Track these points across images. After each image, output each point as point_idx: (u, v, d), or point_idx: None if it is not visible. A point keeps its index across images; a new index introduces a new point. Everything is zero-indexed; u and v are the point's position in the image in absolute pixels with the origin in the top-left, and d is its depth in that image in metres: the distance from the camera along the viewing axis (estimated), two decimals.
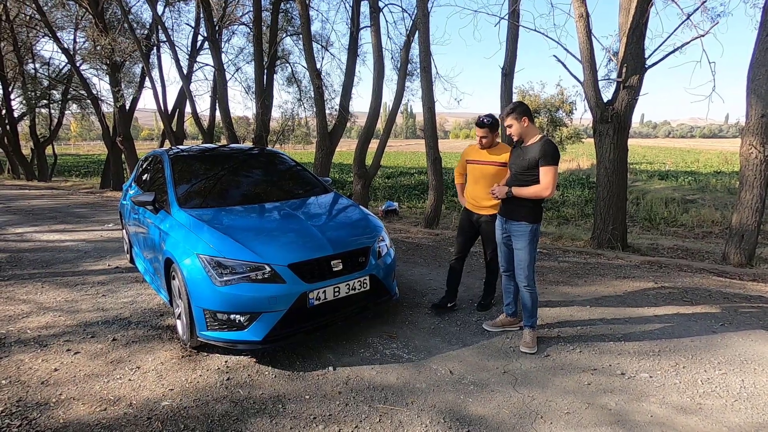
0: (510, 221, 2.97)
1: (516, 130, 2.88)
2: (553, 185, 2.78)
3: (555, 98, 26.92)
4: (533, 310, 3.01)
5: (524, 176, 2.87)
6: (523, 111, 2.86)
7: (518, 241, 2.94)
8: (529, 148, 2.86)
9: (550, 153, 2.76)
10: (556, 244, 6.28)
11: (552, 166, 2.76)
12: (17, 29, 15.49)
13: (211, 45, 10.49)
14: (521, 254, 2.94)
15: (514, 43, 7.21)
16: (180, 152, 4.25)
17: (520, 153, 2.93)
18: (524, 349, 2.94)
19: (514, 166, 2.95)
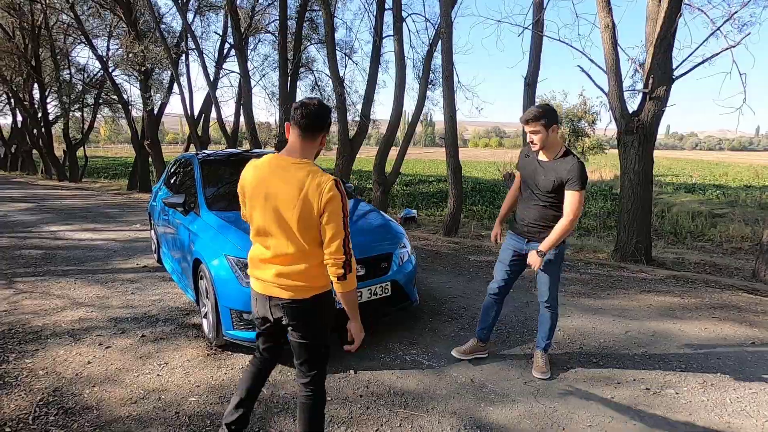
0: (533, 242, 2.62)
1: (542, 139, 2.45)
2: (579, 212, 2.48)
3: (577, 108, 26.61)
4: (551, 333, 2.79)
5: (546, 197, 2.54)
6: (553, 117, 2.45)
7: (544, 264, 2.58)
8: (553, 166, 2.50)
9: (583, 177, 2.43)
10: (578, 255, 6.20)
11: (582, 191, 2.44)
12: (55, 36, 16.22)
13: (237, 53, 10.78)
14: (546, 278, 2.66)
15: (537, 52, 7.20)
16: (208, 156, 4.39)
17: (539, 168, 2.55)
18: (537, 374, 2.72)
19: (531, 181, 2.60)
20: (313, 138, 1.67)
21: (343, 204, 1.60)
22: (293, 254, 1.67)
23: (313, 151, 1.71)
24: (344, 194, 1.61)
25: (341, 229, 1.59)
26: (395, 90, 8.82)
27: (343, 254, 1.61)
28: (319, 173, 1.63)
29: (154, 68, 13.47)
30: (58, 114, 18.68)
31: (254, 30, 12.65)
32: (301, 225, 1.61)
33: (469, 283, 4.57)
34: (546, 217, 2.58)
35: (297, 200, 1.60)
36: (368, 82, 9.85)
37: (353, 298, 1.68)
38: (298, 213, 1.60)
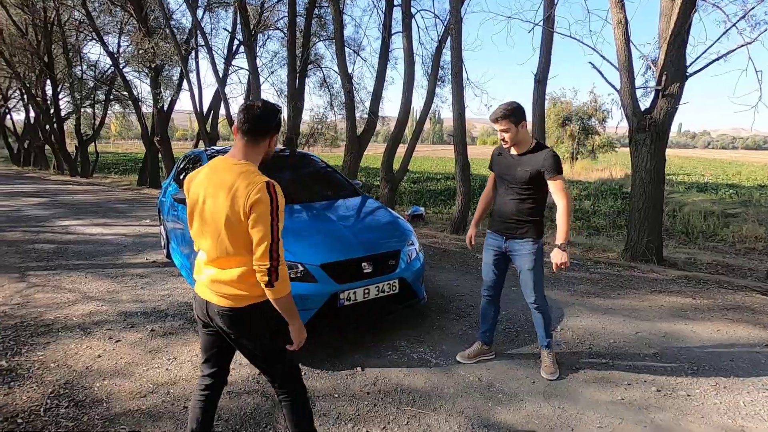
0: (511, 240, 2.63)
1: (512, 136, 2.49)
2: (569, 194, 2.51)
3: (588, 106, 26.34)
4: (548, 330, 2.74)
5: (522, 189, 2.55)
6: (521, 114, 2.48)
7: (525, 261, 2.61)
8: (526, 159, 2.53)
9: (558, 164, 2.47)
10: (587, 255, 6.14)
11: (562, 175, 2.48)
12: (67, 33, 16.38)
13: (246, 49, 10.80)
14: (529, 275, 2.62)
15: (548, 49, 7.12)
16: (217, 152, 4.40)
17: (512, 163, 2.58)
18: (546, 375, 2.68)
19: (508, 177, 2.59)
20: (256, 142, 1.60)
21: (273, 208, 1.49)
22: (225, 259, 1.59)
23: (258, 155, 1.64)
24: (276, 197, 1.51)
25: (268, 233, 1.48)
26: (404, 87, 8.78)
27: (268, 260, 1.49)
28: (252, 174, 1.54)
29: (164, 65, 13.55)
30: (70, 110, 18.88)
31: (263, 27, 12.67)
32: (228, 228, 1.53)
33: (477, 281, 4.54)
34: (522, 211, 2.57)
35: (225, 201, 1.52)
36: (376, 79, 9.82)
37: (287, 304, 1.57)
38: (225, 215, 1.52)
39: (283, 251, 1.55)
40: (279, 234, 1.52)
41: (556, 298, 4.08)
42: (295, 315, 1.62)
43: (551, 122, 26.75)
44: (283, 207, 1.57)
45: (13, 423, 2.25)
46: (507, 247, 2.66)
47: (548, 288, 4.32)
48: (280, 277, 1.52)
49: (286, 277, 1.55)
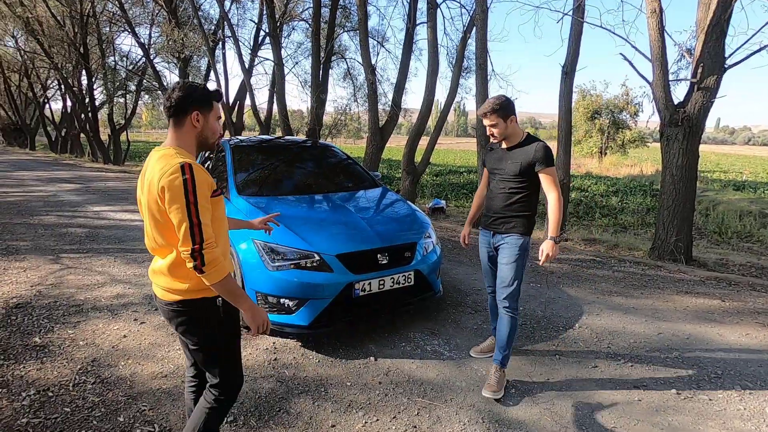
0: (498, 235, 2.54)
1: (500, 131, 2.42)
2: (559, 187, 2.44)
3: (619, 99, 25.45)
4: (509, 341, 2.50)
5: (513, 183, 2.46)
6: (510, 109, 2.40)
7: (505, 254, 2.48)
8: (516, 152, 2.45)
9: (549, 155, 2.39)
10: (611, 252, 5.98)
11: (553, 167, 2.41)
12: (101, 24, 16.90)
13: (271, 40, 10.90)
14: (506, 270, 2.47)
15: (577, 40, 6.89)
16: (240, 142, 4.49)
17: (505, 155, 2.50)
18: (487, 393, 2.41)
19: (499, 171, 2.52)
20: (179, 123, 1.53)
21: (189, 189, 1.39)
22: (158, 250, 1.54)
23: (187, 137, 1.55)
24: (192, 177, 1.41)
25: (185, 215, 1.39)
26: (427, 78, 8.69)
27: (190, 243, 1.40)
28: (169, 158, 1.46)
29: (192, 56, 13.85)
30: (104, 100, 19.56)
31: (288, 17, 12.74)
32: (152, 217, 1.48)
33: None
34: (512, 205, 2.48)
35: (147, 190, 1.47)
36: (400, 70, 9.75)
37: (226, 288, 1.47)
38: (148, 204, 1.47)
39: (211, 234, 1.44)
40: (199, 215, 1.41)
41: (575, 295, 4.00)
42: (241, 299, 1.51)
43: (579, 116, 25.99)
44: (207, 187, 1.45)
45: (44, 396, 2.39)
46: (494, 242, 2.58)
47: (568, 285, 4.25)
48: (208, 261, 1.41)
49: (216, 260, 1.43)
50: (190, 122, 1.55)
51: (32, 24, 16.79)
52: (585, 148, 26.73)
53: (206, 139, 1.60)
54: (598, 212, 11.08)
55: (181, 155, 1.49)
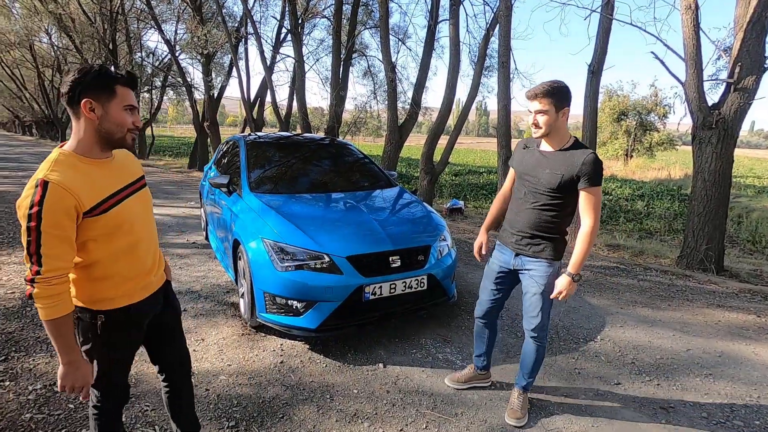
0: (523, 257, 2.15)
1: (548, 121, 1.95)
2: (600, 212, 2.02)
3: (647, 100, 24.63)
4: (535, 368, 2.26)
5: (547, 197, 2.02)
6: (567, 97, 1.96)
7: (532, 283, 2.12)
8: (561, 158, 1.99)
9: (600, 171, 1.94)
10: (636, 260, 5.72)
11: (600, 186, 1.96)
12: (129, 21, 17.28)
13: (293, 37, 10.90)
14: (534, 300, 2.13)
15: (605, 38, 6.62)
16: (255, 139, 4.45)
17: (542, 160, 2.05)
18: (510, 420, 2.22)
19: (532, 178, 2.07)
20: (74, 114, 1.33)
21: (35, 210, 1.21)
22: None
23: (83, 133, 1.35)
24: (42, 200, 1.22)
25: (25, 240, 1.24)
26: (448, 76, 8.53)
27: (28, 269, 1.25)
28: (43, 166, 1.29)
29: (216, 52, 13.99)
30: None
31: (310, 14, 12.74)
32: None
33: None
34: (541, 224, 2.07)
35: None
36: (420, 68, 9.62)
37: (53, 331, 1.29)
38: None
39: (57, 267, 1.26)
40: (40, 245, 1.22)
41: (597, 305, 3.82)
42: (67, 348, 1.31)
43: (605, 116, 25.29)
44: (57, 213, 1.23)
45: (50, 391, 2.38)
46: (516, 264, 2.18)
47: (590, 294, 4.06)
48: (38, 296, 1.25)
49: (48, 299, 1.26)
50: (84, 113, 1.33)
51: (65, 20, 17.29)
52: (610, 150, 26.00)
53: (110, 133, 1.37)
54: (623, 216, 10.70)
55: (57, 165, 1.29)
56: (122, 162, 1.50)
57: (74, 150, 1.36)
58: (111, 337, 1.44)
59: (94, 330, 1.43)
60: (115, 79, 1.35)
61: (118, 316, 1.45)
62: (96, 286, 1.41)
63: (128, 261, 1.45)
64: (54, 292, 1.27)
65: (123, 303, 1.46)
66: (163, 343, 1.73)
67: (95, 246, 1.36)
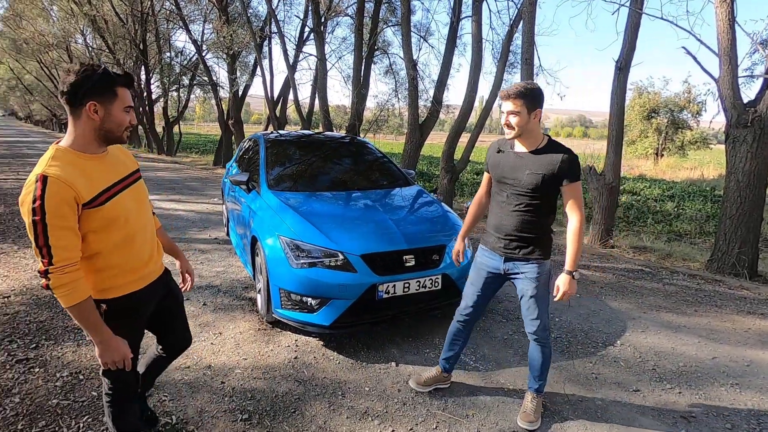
0: (513, 262, 2.13)
1: (520, 122, 1.97)
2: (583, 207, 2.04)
3: (680, 97, 23.71)
4: (544, 370, 2.25)
5: (529, 198, 2.03)
6: (540, 99, 1.98)
7: (526, 286, 2.11)
8: (538, 158, 2.01)
9: (579, 167, 2.00)
10: (663, 263, 5.52)
11: (580, 181, 2.01)
12: (159, 22, 17.79)
13: (315, 36, 11.00)
14: (532, 303, 2.12)
15: (633, 33, 6.41)
16: (275, 137, 4.51)
17: (519, 162, 2.05)
18: (523, 424, 2.19)
19: (512, 181, 2.07)
20: (75, 114, 1.38)
21: (37, 207, 1.27)
22: None
23: (82, 131, 1.40)
24: (43, 194, 1.27)
25: (32, 235, 1.29)
26: (470, 74, 8.44)
27: (40, 262, 1.32)
28: (44, 162, 1.34)
29: (241, 51, 14.25)
30: (160, 94, 20.64)
31: (333, 13, 12.79)
32: None
33: None
34: (528, 226, 2.07)
35: None
36: (442, 65, 9.53)
37: (80, 315, 1.38)
38: None
39: (66, 257, 1.33)
40: (48, 237, 1.29)
41: (618, 309, 3.71)
42: (93, 331, 1.41)
43: (635, 114, 24.48)
44: (58, 205, 1.29)
45: (75, 378, 2.48)
46: (507, 268, 2.15)
47: (611, 297, 3.95)
48: (55, 285, 1.32)
49: (68, 285, 1.34)
50: (87, 115, 1.38)
51: (98, 22, 17.94)
52: (639, 148, 25.16)
53: (110, 132, 1.43)
54: (651, 218, 10.36)
55: (55, 160, 1.35)
56: (117, 156, 1.57)
57: (70, 146, 1.41)
58: (114, 324, 1.50)
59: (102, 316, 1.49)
60: (116, 81, 1.41)
61: (120, 304, 1.52)
62: (98, 276, 1.48)
63: (125, 253, 1.52)
64: (69, 280, 1.34)
65: (124, 292, 1.53)
66: (165, 329, 1.89)
67: (95, 238, 1.43)
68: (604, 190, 6.18)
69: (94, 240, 1.43)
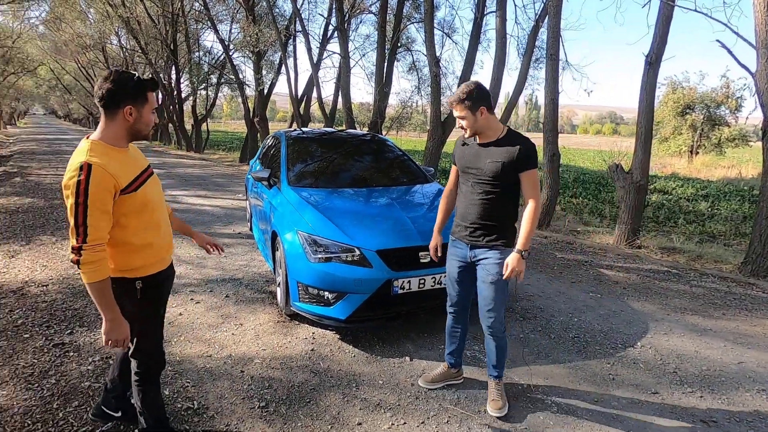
0: (477, 249, 2.20)
1: (469, 124, 2.12)
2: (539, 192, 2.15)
3: (717, 92, 22.65)
4: (501, 361, 2.31)
5: (491, 186, 2.13)
6: (480, 98, 2.08)
7: (488, 272, 2.16)
8: (495, 149, 2.12)
9: (535, 154, 2.13)
10: (693, 264, 5.34)
11: (536, 169, 2.12)
12: (188, 23, 18.30)
13: (339, 34, 11.08)
14: (490, 290, 2.17)
15: (665, 26, 6.18)
16: (297, 134, 4.60)
17: (482, 152, 2.16)
18: (493, 411, 2.25)
19: (474, 170, 2.17)
20: (111, 115, 1.55)
21: (81, 190, 1.44)
22: None
23: (117, 129, 1.57)
24: (87, 179, 1.44)
25: (72, 214, 1.45)
26: (493, 70, 8.34)
27: (74, 239, 1.47)
28: (82, 153, 1.50)
29: (266, 50, 14.52)
30: (189, 92, 21.25)
31: (357, 10, 12.86)
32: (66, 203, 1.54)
33: (551, 282, 4.21)
34: (491, 214, 2.16)
35: None
36: (465, 62, 9.44)
37: (97, 292, 1.52)
38: None
39: (99, 237, 1.48)
40: (87, 217, 1.45)
41: (641, 310, 3.62)
42: (106, 308, 1.55)
43: (668, 110, 23.55)
44: (104, 190, 1.47)
45: (106, 363, 2.63)
46: (473, 256, 2.23)
47: (634, 298, 3.87)
48: (84, 261, 1.47)
49: (95, 263, 1.49)
50: (123, 116, 1.56)
51: (132, 24, 18.61)
52: (672, 146, 24.21)
53: (139, 131, 1.62)
54: (683, 218, 9.99)
55: (93, 151, 1.51)
56: (134, 153, 1.73)
57: (101, 139, 1.57)
58: (149, 298, 1.70)
59: (133, 294, 1.66)
60: (147, 87, 1.59)
61: (152, 281, 1.71)
62: (133, 256, 1.65)
63: (155, 234, 1.70)
64: (97, 258, 1.50)
65: (154, 270, 1.72)
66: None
67: (127, 221, 1.59)
68: (631, 188, 6.02)
69: (127, 223, 1.59)
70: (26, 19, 20.25)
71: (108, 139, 1.58)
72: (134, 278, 1.65)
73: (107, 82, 1.53)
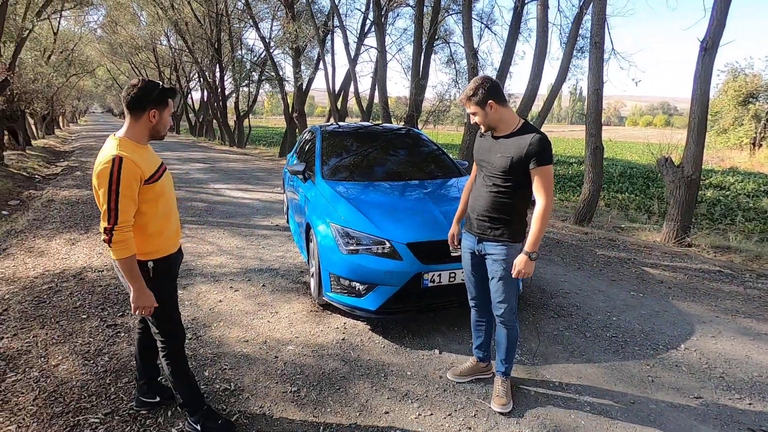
0: (484, 242, 2.19)
1: (481, 120, 2.10)
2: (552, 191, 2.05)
3: None
4: (509, 353, 2.29)
5: (501, 180, 2.10)
6: (488, 93, 2.03)
7: (495, 269, 2.16)
8: (506, 143, 2.08)
9: (547, 150, 2.02)
10: (750, 264, 4.98)
11: (550, 165, 2.03)
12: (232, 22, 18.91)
13: (376, 28, 11.10)
14: (498, 286, 2.18)
15: (723, 8, 5.76)
16: (332, 128, 4.68)
17: (494, 146, 2.13)
18: (496, 407, 2.23)
19: (486, 163, 2.16)
20: (136, 117, 1.78)
21: (113, 179, 1.66)
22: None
23: (141, 129, 1.81)
24: (119, 170, 1.66)
25: (105, 200, 1.67)
26: (534, 61, 8.07)
27: (105, 221, 1.68)
28: (110, 149, 1.72)
29: (305, 46, 14.78)
30: (232, 89, 22.02)
31: (394, 3, 12.81)
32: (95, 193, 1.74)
33: (588, 280, 4.07)
34: (498, 207, 2.13)
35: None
36: (504, 53, 9.22)
37: (126, 266, 1.74)
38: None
39: (126, 219, 1.70)
40: (118, 203, 1.67)
41: (687, 311, 3.44)
42: (133, 280, 1.77)
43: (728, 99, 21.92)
44: (133, 179, 1.70)
45: None
46: (480, 249, 2.22)
47: (680, 298, 3.67)
48: (115, 240, 1.69)
49: (123, 242, 1.71)
50: (147, 118, 1.80)
51: (180, 25, 19.48)
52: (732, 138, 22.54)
53: (158, 132, 1.88)
54: (741, 215, 9.33)
55: (122, 147, 1.74)
56: (151, 151, 1.96)
57: (127, 137, 1.81)
58: (161, 277, 1.91)
59: (146, 275, 1.85)
60: (168, 94, 1.83)
61: (163, 263, 1.92)
62: (149, 241, 1.86)
63: (167, 222, 1.93)
64: (124, 238, 1.73)
65: (165, 253, 1.94)
66: None
67: (147, 208, 1.82)
68: (681, 183, 5.68)
69: (146, 210, 1.81)
70: (86, 23, 21.62)
71: (133, 137, 1.81)
72: (146, 260, 1.87)
73: (135, 89, 1.77)
